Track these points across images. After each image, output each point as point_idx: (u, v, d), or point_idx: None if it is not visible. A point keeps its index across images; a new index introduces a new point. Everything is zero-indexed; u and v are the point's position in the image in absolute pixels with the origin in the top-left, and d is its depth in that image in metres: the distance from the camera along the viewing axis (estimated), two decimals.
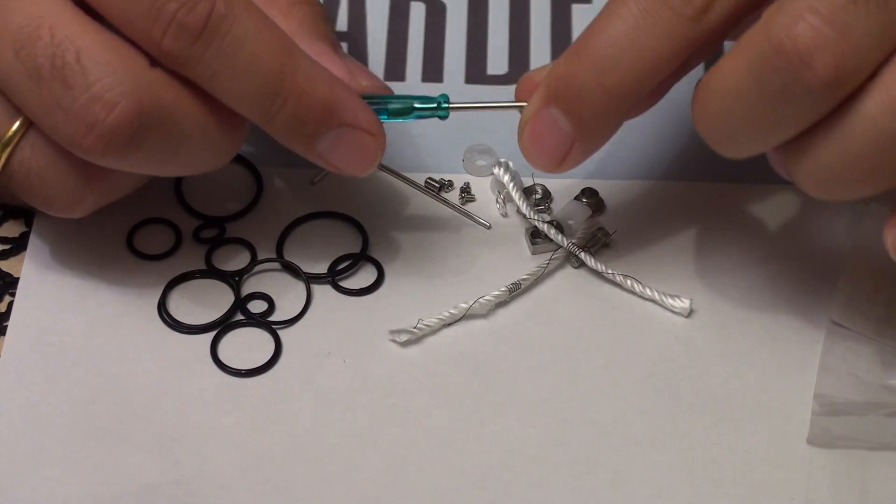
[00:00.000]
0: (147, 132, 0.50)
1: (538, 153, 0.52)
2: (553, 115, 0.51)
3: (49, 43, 0.49)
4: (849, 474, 0.51)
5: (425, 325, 0.54)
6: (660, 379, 0.54)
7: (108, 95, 0.49)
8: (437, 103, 0.54)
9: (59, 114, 0.49)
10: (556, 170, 0.52)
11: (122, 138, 0.49)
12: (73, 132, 0.49)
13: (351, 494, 0.51)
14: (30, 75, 0.49)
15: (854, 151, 0.46)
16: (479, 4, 0.66)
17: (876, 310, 0.54)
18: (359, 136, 0.52)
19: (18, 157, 0.51)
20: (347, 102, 0.51)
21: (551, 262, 0.56)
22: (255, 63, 0.49)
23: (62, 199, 0.52)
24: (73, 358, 0.54)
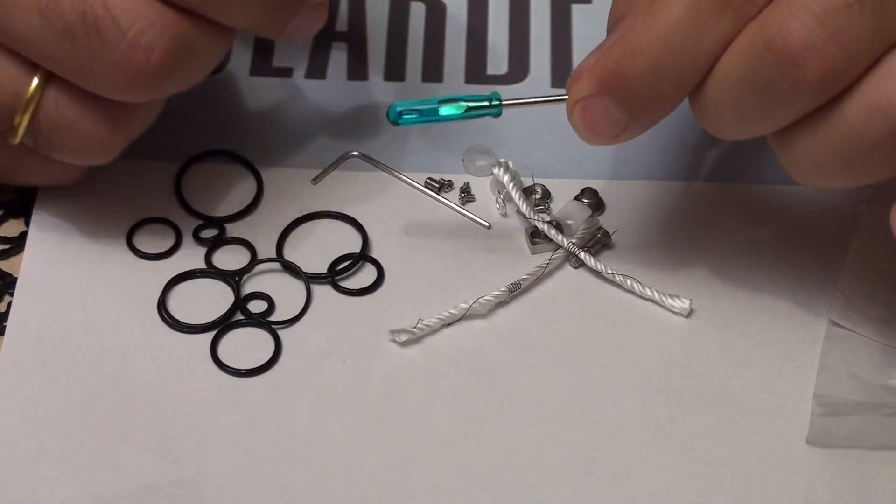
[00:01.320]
0: (182, 63, 0.51)
1: (590, 134, 0.51)
2: (605, 103, 0.50)
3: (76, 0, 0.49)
4: (848, 474, 0.51)
5: (425, 325, 0.54)
6: (660, 379, 0.54)
7: (145, 40, 0.50)
8: (488, 101, 0.54)
9: (99, 67, 0.50)
10: (610, 144, 0.52)
11: (163, 76, 0.50)
12: (117, 80, 0.50)
13: (351, 494, 0.51)
14: (61, 34, 0.49)
15: (830, 150, 0.47)
16: (479, 4, 0.66)
17: (876, 310, 0.54)
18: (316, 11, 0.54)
19: (43, 113, 0.52)
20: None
21: (551, 262, 0.56)
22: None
23: (93, 147, 0.53)
24: (72, 357, 0.54)
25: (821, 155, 0.47)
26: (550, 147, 0.61)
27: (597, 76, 0.50)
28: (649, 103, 0.49)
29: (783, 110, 0.47)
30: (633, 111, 0.50)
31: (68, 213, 0.57)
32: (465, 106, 0.54)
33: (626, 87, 0.49)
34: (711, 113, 0.49)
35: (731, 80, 0.48)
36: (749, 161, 0.50)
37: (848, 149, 0.47)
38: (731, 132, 0.49)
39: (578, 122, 0.51)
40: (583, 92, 0.50)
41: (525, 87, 0.63)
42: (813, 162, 0.48)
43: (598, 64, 0.50)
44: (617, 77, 0.49)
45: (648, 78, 0.49)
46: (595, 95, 0.50)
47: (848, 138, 0.46)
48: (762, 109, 0.47)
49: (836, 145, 0.47)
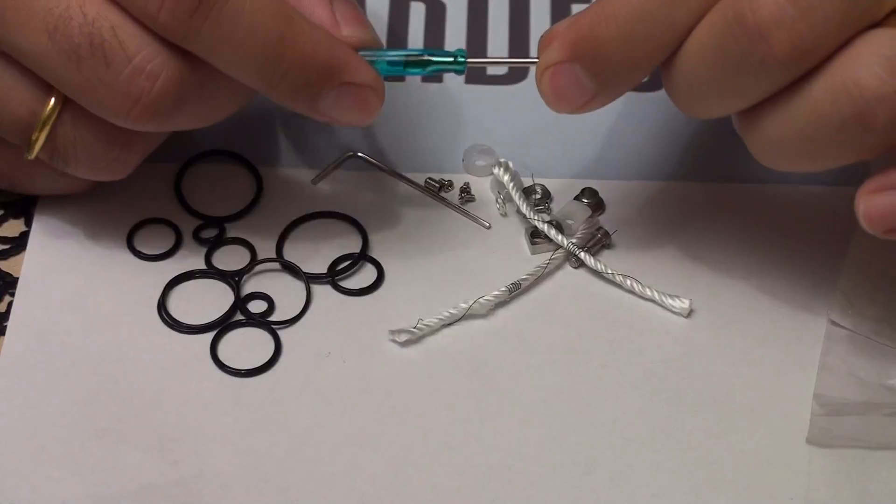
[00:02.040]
0: (188, 96, 0.50)
1: (557, 100, 0.51)
2: (575, 70, 0.50)
3: (83, 22, 0.49)
4: (848, 474, 0.51)
5: (425, 325, 0.54)
6: (660, 379, 0.54)
7: (149, 67, 0.49)
8: (454, 57, 0.54)
9: (103, 90, 0.50)
10: (576, 113, 0.52)
11: (167, 106, 0.50)
12: (119, 106, 0.50)
13: (351, 494, 0.51)
14: (67, 56, 0.49)
15: (795, 131, 0.47)
16: (479, 4, 0.66)
17: (875, 310, 0.54)
18: (359, 91, 0.52)
19: (61, 131, 0.52)
20: (348, 62, 0.51)
21: (551, 262, 0.56)
22: (255, 33, 0.49)
23: (108, 166, 0.53)
24: (72, 358, 0.54)
25: (786, 136, 0.47)
26: (550, 147, 0.61)
27: (569, 42, 0.50)
28: (619, 72, 0.50)
29: (751, 86, 0.47)
30: (603, 79, 0.50)
31: (69, 214, 0.57)
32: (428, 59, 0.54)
33: (598, 54, 0.49)
34: (681, 87, 0.49)
35: (701, 53, 0.48)
36: (749, 161, 0.50)
37: (813, 130, 0.47)
38: (700, 108, 0.49)
39: (547, 88, 0.51)
40: (553, 57, 0.50)
41: (525, 87, 0.63)
42: (778, 143, 0.48)
43: (570, 29, 0.50)
44: (589, 43, 0.49)
45: (620, 45, 0.49)
46: (565, 62, 0.50)
47: (813, 119, 0.46)
48: (730, 85, 0.47)
49: (801, 126, 0.47)
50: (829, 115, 0.46)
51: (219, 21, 0.49)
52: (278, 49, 0.50)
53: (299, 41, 0.50)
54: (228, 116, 0.54)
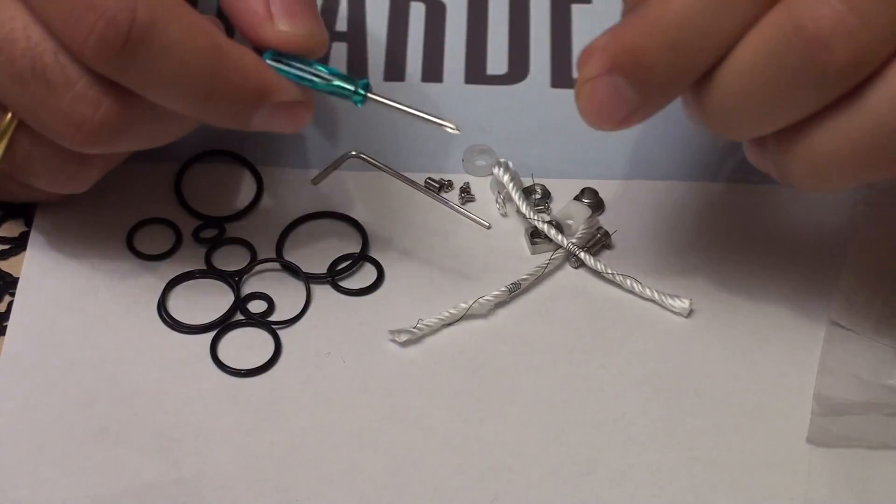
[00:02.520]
0: (132, 121, 0.50)
1: (598, 115, 0.49)
2: (617, 82, 0.48)
3: (26, 46, 0.49)
4: (848, 474, 0.51)
5: (425, 325, 0.54)
6: (660, 379, 0.54)
7: (91, 93, 0.49)
8: (354, 88, 0.53)
9: (46, 114, 0.49)
10: (615, 129, 0.50)
11: (110, 132, 0.50)
12: (63, 130, 0.50)
13: (351, 494, 0.51)
14: (12, 78, 0.49)
15: (852, 140, 0.46)
16: (479, 4, 0.66)
17: (875, 310, 0.54)
18: (290, 108, 0.52)
19: (19, 146, 0.51)
20: (275, 83, 0.51)
21: (551, 262, 0.56)
22: (184, 69, 0.49)
23: (67, 180, 0.53)
24: (72, 358, 0.54)
25: (838, 148, 0.47)
26: (550, 147, 0.61)
27: (610, 53, 0.48)
28: (663, 82, 0.48)
29: (807, 98, 0.47)
30: (646, 90, 0.48)
31: (69, 214, 0.57)
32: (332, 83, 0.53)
33: (641, 64, 0.47)
34: (723, 105, 0.48)
35: (752, 66, 0.47)
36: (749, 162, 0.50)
37: (870, 139, 0.46)
38: (742, 127, 0.48)
39: (586, 102, 0.49)
40: (594, 71, 0.48)
41: (525, 87, 0.63)
42: (828, 158, 0.47)
43: (612, 40, 0.48)
44: (632, 54, 0.47)
45: (664, 54, 0.47)
46: (606, 74, 0.48)
47: (870, 128, 0.46)
48: (782, 98, 0.47)
49: (857, 136, 0.46)
50: (888, 123, 0.46)
51: (147, 59, 0.48)
52: (208, 83, 0.49)
53: (230, 73, 0.50)
54: (181, 137, 0.53)
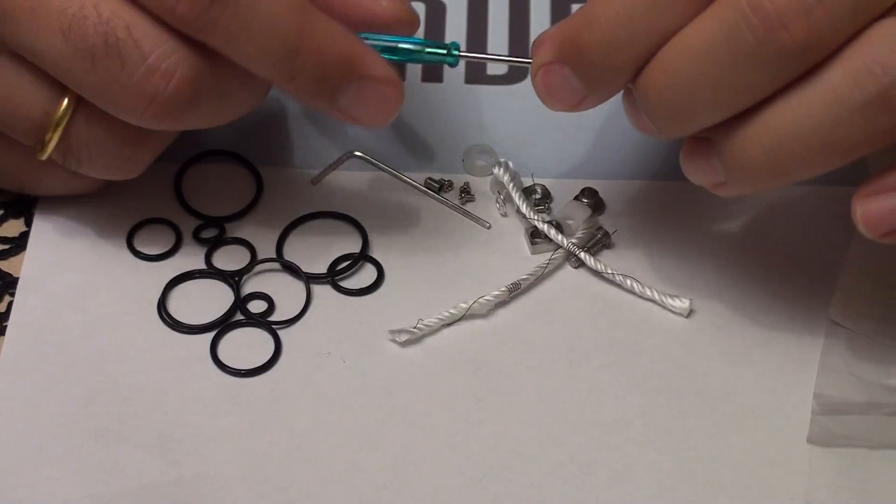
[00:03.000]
0: (203, 94, 0.50)
1: (551, 100, 0.52)
2: (564, 71, 0.50)
3: (98, 21, 0.49)
4: (848, 474, 0.51)
5: (425, 325, 0.54)
6: (660, 379, 0.54)
7: (164, 65, 0.50)
8: (447, 49, 0.54)
9: (118, 89, 0.50)
10: (571, 111, 0.52)
11: (181, 104, 0.50)
12: (135, 105, 0.50)
13: (351, 494, 0.51)
14: (82, 56, 0.49)
15: (812, 119, 0.47)
16: (479, 4, 0.66)
17: (875, 309, 0.54)
18: (379, 88, 0.52)
19: (74, 131, 0.52)
20: (366, 55, 0.52)
21: (550, 263, 0.56)
22: (272, 24, 0.49)
23: (121, 164, 0.53)
24: (72, 358, 0.54)
25: (799, 128, 0.47)
26: (550, 147, 0.61)
27: (556, 44, 0.50)
28: (604, 75, 0.50)
29: (762, 79, 0.47)
30: (589, 82, 0.50)
31: (69, 214, 0.57)
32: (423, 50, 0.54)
33: (582, 58, 0.50)
34: (673, 92, 0.48)
35: (705, 47, 0.47)
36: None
37: (832, 116, 0.46)
38: (693, 115, 0.49)
39: (540, 86, 0.52)
40: (544, 58, 0.51)
41: (525, 87, 0.63)
42: (788, 138, 0.47)
43: (557, 32, 0.51)
44: (574, 46, 0.50)
45: (602, 50, 0.49)
46: (555, 62, 0.50)
47: (832, 105, 0.46)
48: (738, 79, 0.47)
49: (818, 113, 0.46)
50: (850, 98, 0.46)
51: (236, 11, 0.49)
52: (296, 40, 0.50)
53: (318, 33, 0.50)
54: (242, 116, 0.54)
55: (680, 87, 0.48)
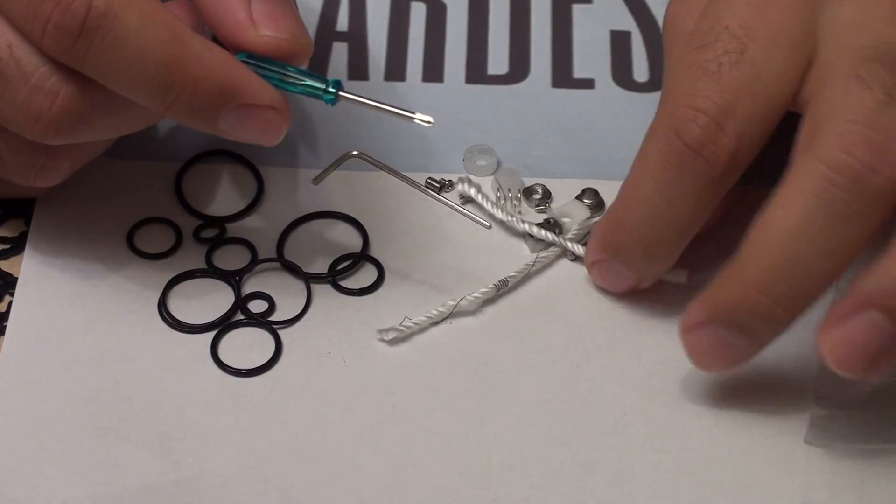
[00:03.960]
0: (92, 112, 0.50)
1: (608, 287, 0.55)
2: (613, 264, 0.54)
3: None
4: (848, 474, 0.51)
5: (413, 324, 0.54)
6: (659, 379, 0.54)
7: (47, 84, 0.49)
8: (325, 85, 0.53)
9: (5, 107, 0.50)
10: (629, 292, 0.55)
11: (69, 122, 0.50)
12: (22, 122, 0.50)
13: (351, 494, 0.51)
14: None
15: None
16: (480, 4, 0.66)
17: None
18: (261, 112, 0.51)
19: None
20: (244, 83, 0.50)
21: (538, 262, 0.56)
22: (142, 59, 0.49)
23: (37, 173, 0.52)
24: (72, 357, 0.54)
25: None
26: (550, 147, 0.61)
27: (599, 243, 0.54)
28: (647, 266, 0.54)
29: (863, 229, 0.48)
30: (636, 270, 0.54)
31: (69, 213, 0.57)
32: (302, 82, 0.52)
33: (622, 255, 0.54)
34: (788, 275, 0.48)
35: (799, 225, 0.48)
36: None
37: None
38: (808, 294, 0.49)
39: (596, 279, 0.56)
40: (593, 256, 0.55)
41: (525, 87, 0.63)
42: None
43: (597, 231, 0.55)
44: (612, 246, 0.54)
45: (637, 248, 0.53)
46: (604, 259, 0.55)
47: None
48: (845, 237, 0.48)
49: None
50: None
51: (103, 47, 0.48)
52: (167, 74, 0.49)
53: (191, 64, 0.49)
54: (148, 126, 0.53)
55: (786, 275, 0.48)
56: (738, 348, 0.50)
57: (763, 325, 0.49)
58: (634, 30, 0.65)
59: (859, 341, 0.47)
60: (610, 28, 0.65)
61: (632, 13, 0.65)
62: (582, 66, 0.63)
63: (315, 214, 0.58)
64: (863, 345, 0.47)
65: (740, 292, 0.49)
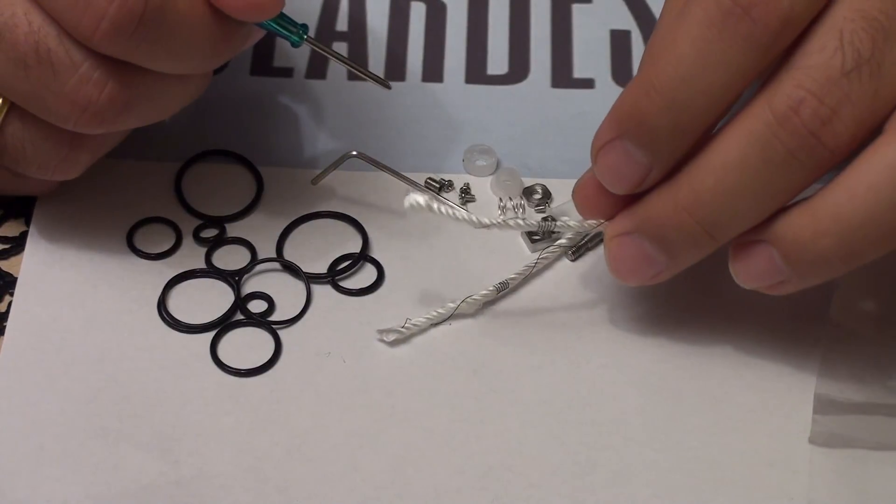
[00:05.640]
0: (137, 100, 0.50)
1: (612, 179, 0.51)
2: (626, 145, 0.49)
3: (29, 30, 0.49)
4: (849, 474, 0.51)
5: (413, 325, 0.54)
6: (660, 379, 0.54)
7: (96, 75, 0.49)
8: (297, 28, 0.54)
9: (50, 97, 0.50)
10: (633, 191, 0.51)
11: (114, 112, 0.50)
12: (67, 113, 0.50)
13: (351, 494, 0.51)
14: (14, 64, 0.49)
15: (882, 203, 0.46)
16: (480, 4, 0.66)
17: (876, 309, 0.54)
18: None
19: (10, 131, 0.51)
20: None
21: (539, 262, 0.56)
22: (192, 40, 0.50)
23: (58, 165, 0.53)
24: (72, 357, 0.54)
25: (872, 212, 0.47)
26: (550, 147, 0.61)
27: (615, 120, 0.49)
28: (669, 139, 0.49)
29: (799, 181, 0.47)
30: (654, 149, 0.49)
31: (69, 213, 0.57)
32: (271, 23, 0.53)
33: (645, 126, 0.49)
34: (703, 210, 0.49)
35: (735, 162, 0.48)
36: None
37: None
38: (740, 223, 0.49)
39: (602, 169, 0.50)
40: (602, 138, 0.50)
41: (525, 87, 0.63)
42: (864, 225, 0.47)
43: (614, 110, 0.50)
44: (634, 117, 0.49)
45: (665, 115, 0.48)
46: (615, 139, 0.49)
47: None
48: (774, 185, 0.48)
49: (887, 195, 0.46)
50: None
51: (157, 37, 0.49)
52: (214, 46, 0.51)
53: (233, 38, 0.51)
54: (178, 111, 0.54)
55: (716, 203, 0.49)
56: (656, 264, 0.51)
57: (685, 246, 0.50)
58: (634, 29, 0.65)
59: None
60: (610, 28, 0.65)
61: (632, 13, 0.65)
62: (582, 66, 0.63)
63: (315, 214, 0.58)
64: None
65: (671, 208, 0.49)
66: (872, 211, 0.47)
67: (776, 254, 0.49)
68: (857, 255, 0.48)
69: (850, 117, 0.46)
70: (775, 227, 0.49)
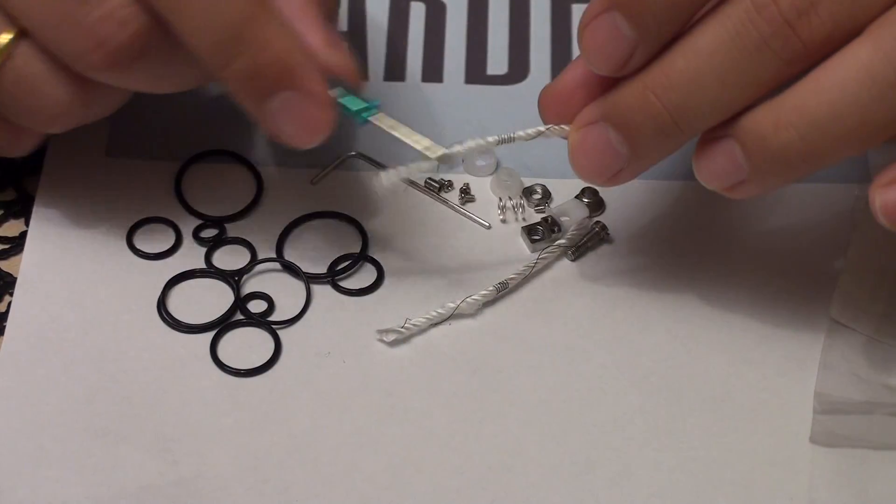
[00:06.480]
0: (151, 52, 0.50)
1: (598, 57, 0.49)
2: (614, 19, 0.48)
3: None
4: (849, 474, 0.51)
5: (413, 325, 0.54)
6: (660, 379, 0.54)
7: (122, 13, 0.49)
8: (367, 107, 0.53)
9: (69, 28, 0.49)
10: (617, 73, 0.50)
11: (129, 56, 0.49)
12: (82, 47, 0.49)
13: (351, 494, 0.51)
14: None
15: (848, 99, 0.46)
16: (479, 4, 0.66)
17: (876, 308, 0.54)
18: (309, 106, 0.50)
19: (10, 65, 0.50)
20: (306, 69, 0.50)
21: (539, 262, 0.56)
22: (220, 4, 0.48)
23: (49, 110, 0.51)
24: (72, 357, 0.54)
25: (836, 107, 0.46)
26: (550, 147, 0.60)
27: None
28: (659, 14, 0.48)
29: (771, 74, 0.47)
30: (643, 24, 0.48)
31: (68, 213, 0.57)
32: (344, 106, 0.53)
33: None
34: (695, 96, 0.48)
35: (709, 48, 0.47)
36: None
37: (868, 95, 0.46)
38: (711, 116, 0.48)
39: (588, 44, 0.49)
40: (592, 12, 0.49)
41: (525, 87, 0.63)
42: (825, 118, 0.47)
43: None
44: None
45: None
46: (604, 12, 0.48)
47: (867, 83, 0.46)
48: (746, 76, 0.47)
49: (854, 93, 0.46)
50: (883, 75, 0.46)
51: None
52: (240, 26, 0.48)
53: (264, 27, 0.49)
54: (184, 90, 0.53)
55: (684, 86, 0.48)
56: (619, 158, 0.50)
57: (649, 134, 0.49)
58: None
59: None
60: None
61: None
62: None
63: (315, 214, 0.58)
64: None
65: (639, 91, 0.49)
66: (837, 108, 0.46)
67: (738, 149, 0.48)
68: (818, 153, 0.47)
69: (827, 13, 0.46)
70: (740, 122, 0.48)
